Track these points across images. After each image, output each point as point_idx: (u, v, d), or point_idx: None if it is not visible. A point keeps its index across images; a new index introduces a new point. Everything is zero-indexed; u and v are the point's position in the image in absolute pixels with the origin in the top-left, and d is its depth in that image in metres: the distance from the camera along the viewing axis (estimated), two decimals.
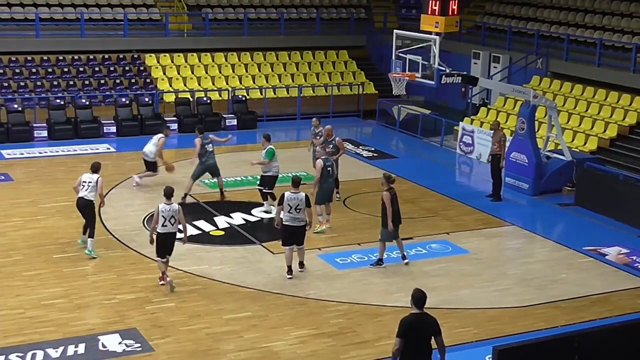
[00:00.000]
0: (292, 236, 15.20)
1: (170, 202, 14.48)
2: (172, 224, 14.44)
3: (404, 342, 9.80)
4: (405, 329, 9.84)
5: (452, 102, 30.81)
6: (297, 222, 15.11)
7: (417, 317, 9.92)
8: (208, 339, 12.92)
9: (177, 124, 26.91)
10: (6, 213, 18.42)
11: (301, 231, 15.25)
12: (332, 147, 19.01)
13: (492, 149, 20.77)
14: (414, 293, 10.01)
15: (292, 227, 15.14)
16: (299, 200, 15.03)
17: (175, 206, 14.53)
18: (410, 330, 9.83)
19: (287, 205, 15.05)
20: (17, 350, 12.25)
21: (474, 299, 14.85)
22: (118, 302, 14.10)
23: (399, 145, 27.08)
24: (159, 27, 30.65)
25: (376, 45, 33.08)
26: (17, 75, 27.59)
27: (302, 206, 15.04)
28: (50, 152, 24.15)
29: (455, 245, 17.48)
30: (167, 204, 14.43)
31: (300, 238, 15.32)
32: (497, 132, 20.67)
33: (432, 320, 10.02)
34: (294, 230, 15.15)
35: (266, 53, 31.24)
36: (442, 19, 21.22)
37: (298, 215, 15.08)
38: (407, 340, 9.80)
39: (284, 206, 15.08)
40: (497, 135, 20.56)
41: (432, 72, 20.80)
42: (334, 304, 14.39)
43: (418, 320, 9.91)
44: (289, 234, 15.19)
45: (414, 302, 9.96)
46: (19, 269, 15.29)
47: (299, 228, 15.19)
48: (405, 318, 9.95)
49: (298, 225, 15.14)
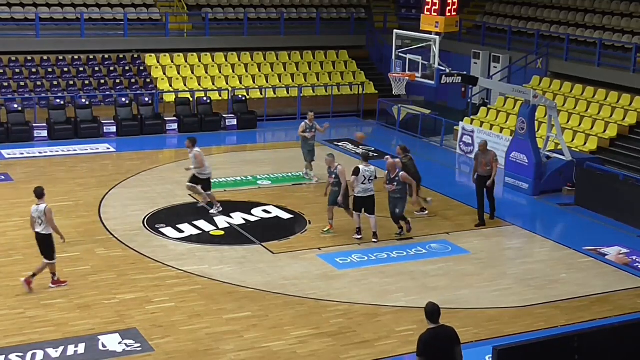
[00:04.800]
0: (363, 205, 17.15)
1: (40, 202, 14.32)
2: (39, 224, 14.30)
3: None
4: (425, 346, 9.35)
5: (452, 102, 30.82)
6: (369, 192, 17.07)
7: (435, 331, 9.45)
8: (208, 338, 12.93)
9: (177, 124, 26.91)
10: (6, 213, 18.43)
11: (371, 201, 17.15)
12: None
13: (483, 170, 18.67)
14: (426, 307, 9.51)
15: (363, 197, 17.06)
16: (371, 172, 17.12)
17: (42, 207, 14.31)
18: (430, 347, 9.37)
19: (362, 176, 16.95)
20: (17, 350, 12.26)
21: (474, 299, 14.85)
22: (118, 302, 14.11)
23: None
24: (159, 27, 30.65)
25: (376, 45, 33.09)
26: (17, 75, 27.59)
27: (373, 177, 17.11)
28: (50, 152, 24.16)
29: (455, 245, 17.48)
30: (37, 204, 14.31)
31: (371, 207, 17.18)
32: (487, 153, 18.72)
33: (450, 330, 9.56)
34: (364, 200, 17.08)
35: (266, 53, 31.24)
36: (442, 18, 21.20)
37: (369, 186, 17.03)
38: (428, 357, 9.36)
39: (359, 177, 16.95)
40: (489, 155, 18.66)
41: (432, 72, 20.80)
42: (333, 303, 14.39)
43: (437, 334, 9.44)
44: (360, 203, 17.15)
45: (428, 317, 9.46)
46: (18, 269, 15.28)
47: (370, 198, 17.11)
48: (424, 335, 9.43)
49: (369, 195, 17.09)
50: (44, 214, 14.24)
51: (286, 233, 17.83)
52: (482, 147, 19.02)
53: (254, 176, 22.01)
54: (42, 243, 14.46)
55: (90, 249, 16.48)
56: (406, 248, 17.05)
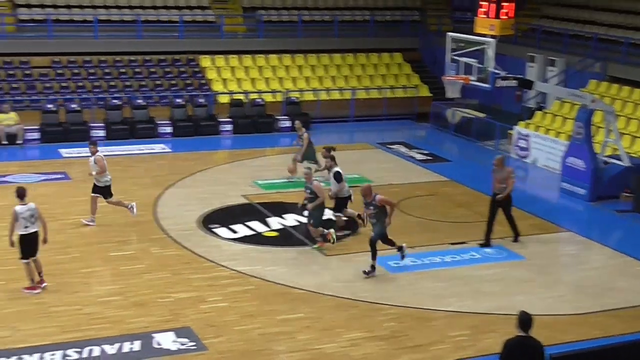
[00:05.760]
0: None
1: (24, 202, 14.16)
2: (32, 223, 14.21)
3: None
4: (509, 352, 9.33)
5: (507, 106, 30.49)
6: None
7: (523, 339, 9.40)
8: (260, 339, 12.98)
9: (231, 125, 27.11)
10: (64, 211, 18.74)
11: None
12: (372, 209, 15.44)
13: (498, 187, 17.18)
14: (519, 315, 9.49)
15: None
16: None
17: (32, 205, 14.24)
18: (514, 354, 9.32)
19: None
20: (75, 345, 12.45)
21: (528, 305, 14.55)
22: (173, 300, 14.25)
23: (452, 148, 26.93)
24: (214, 28, 30.92)
25: (430, 48, 32.94)
26: (75, 75, 28.06)
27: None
28: (107, 151, 24.42)
29: (510, 250, 17.30)
30: (23, 204, 14.14)
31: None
32: (503, 170, 17.25)
33: (537, 344, 9.47)
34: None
35: (320, 55, 31.31)
36: (497, 21, 21.09)
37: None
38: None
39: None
40: (505, 172, 17.22)
41: (487, 75, 20.67)
42: (386, 307, 14.35)
43: (523, 343, 9.39)
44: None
45: (519, 325, 9.42)
46: (76, 266, 15.55)
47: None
48: (510, 340, 9.41)
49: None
50: (37, 211, 14.18)
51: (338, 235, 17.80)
52: (498, 163, 17.31)
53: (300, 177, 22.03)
54: (35, 242, 14.24)
55: (145, 248, 16.68)
56: (460, 253, 16.93)
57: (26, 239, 14.17)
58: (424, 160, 24.61)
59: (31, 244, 14.23)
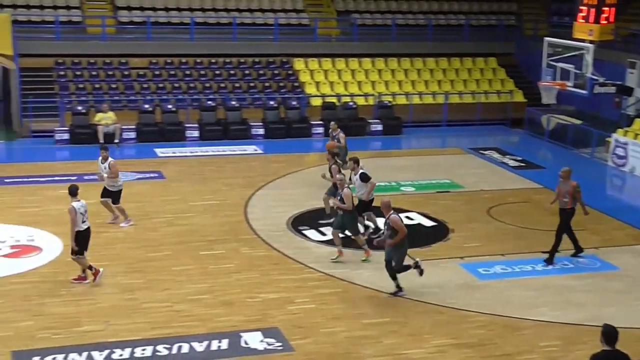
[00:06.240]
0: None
1: (77, 198, 14.43)
2: (87, 218, 14.56)
3: None
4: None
5: (605, 113, 29.69)
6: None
7: (610, 354, 9.19)
8: (347, 342, 12.97)
9: (323, 128, 27.22)
10: (157, 209, 19.14)
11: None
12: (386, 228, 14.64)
13: (561, 200, 16.23)
14: (603, 328, 9.28)
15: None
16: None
17: (83, 201, 14.54)
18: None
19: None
20: (165, 342, 12.68)
21: (621, 317, 14.19)
22: (261, 300, 14.37)
23: (547, 155, 26.41)
24: (308, 31, 31.12)
25: (526, 53, 32.38)
26: (171, 76, 28.67)
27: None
28: (201, 151, 24.95)
29: (604, 260, 16.84)
30: (77, 200, 14.41)
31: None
32: (567, 182, 16.17)
33: (626, 357, 9.24)
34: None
35: (413, 59, 31.15)
36: (596, 26, 20.61)
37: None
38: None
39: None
40: (569, 185, 16.13)
41: (585, 81, 20.22)
42: (474, 314, 14.15)
43: (610, 357, 9.18)
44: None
45: (604, 339, 9.21)
46: (167, 264, 15.86)
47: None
48: (597, 355, 9.19)
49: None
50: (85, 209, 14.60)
51: (428, 240, 17.69)
52: (564, 175, 16.24)
53: (398, 182, 21.97)
54: (89, 237, 14.67)
55: (235, 248, 16.88)
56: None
57: (83, 235, 14.58)
58: (517, 166, 24.19)
59: (87, 240, 14.68)
